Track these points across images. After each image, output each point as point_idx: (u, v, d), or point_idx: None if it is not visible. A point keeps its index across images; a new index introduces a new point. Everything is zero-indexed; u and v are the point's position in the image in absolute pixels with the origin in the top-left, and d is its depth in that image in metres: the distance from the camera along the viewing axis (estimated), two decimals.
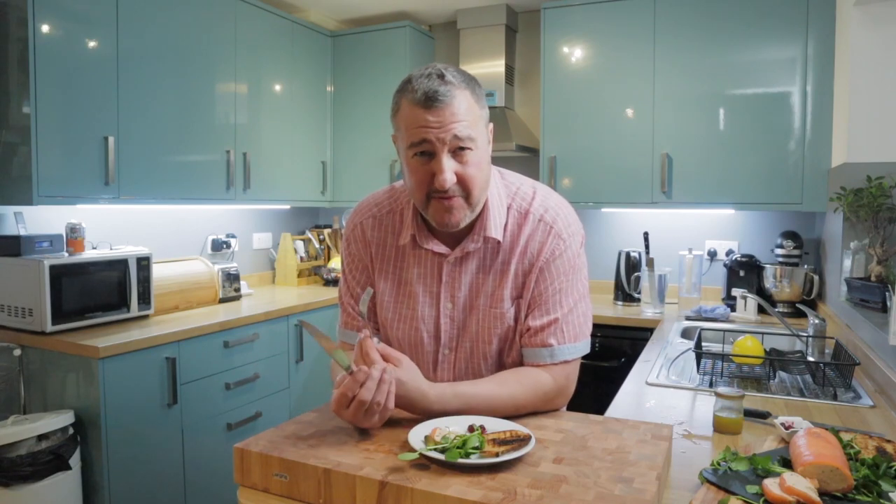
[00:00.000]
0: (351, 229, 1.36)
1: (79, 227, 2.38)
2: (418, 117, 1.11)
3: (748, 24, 2.73)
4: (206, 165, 2.88)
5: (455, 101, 1.11)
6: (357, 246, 1.35)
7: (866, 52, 2.17)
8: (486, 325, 1.25)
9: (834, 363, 1.76)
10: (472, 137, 1.13)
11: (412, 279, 1.28)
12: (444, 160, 1.11)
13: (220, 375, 2.56)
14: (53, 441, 2.04)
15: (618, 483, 0.89)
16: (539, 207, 1.26)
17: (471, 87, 1.15)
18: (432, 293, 1.27)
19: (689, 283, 2.95)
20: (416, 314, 1.28)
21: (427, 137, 1.11)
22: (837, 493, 0.93)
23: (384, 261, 1.32)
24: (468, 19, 3.52)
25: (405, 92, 1.14)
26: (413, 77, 1.14)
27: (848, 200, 2.15)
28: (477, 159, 1.15)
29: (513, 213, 1.26)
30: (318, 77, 3.61)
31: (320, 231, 3.90)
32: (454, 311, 1.27)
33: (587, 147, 3.08)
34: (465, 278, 1.26)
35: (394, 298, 1.31)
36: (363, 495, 0.91)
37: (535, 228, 1.24)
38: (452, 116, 1.10)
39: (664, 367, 1.90)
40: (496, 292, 1.24)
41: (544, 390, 1.20)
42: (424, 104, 1.10)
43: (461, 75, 1.15)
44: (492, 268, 1.25)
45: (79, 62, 2.31)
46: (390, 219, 1.32)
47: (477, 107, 1.15)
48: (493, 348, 1.27)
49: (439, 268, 1.27)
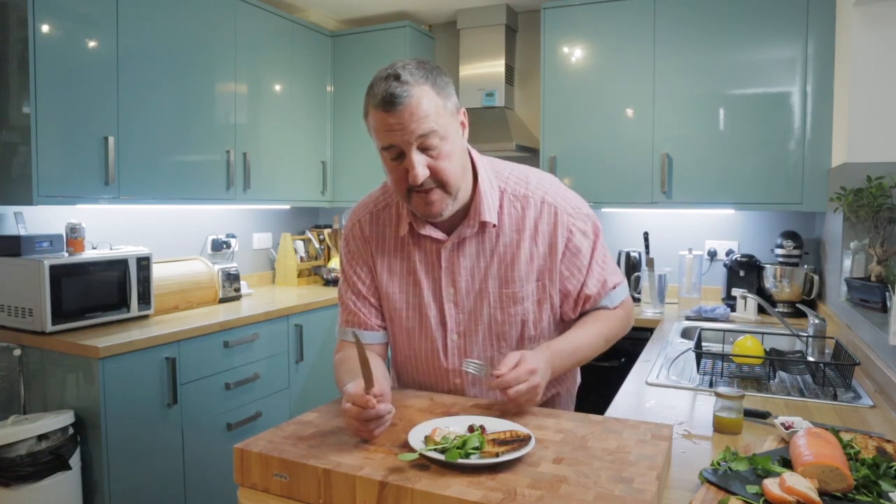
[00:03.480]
0: (349, 228, 1.39)
1: (79, 227, 2.38)
2: (382, 120, 1.15)
3: (748, 24, 2.73)
4: (206, 165, 2.88)
5: (413, 99, 1.13)
6: (357, 244, 1.38)
7: (866, 52, 2.17)
8: (500, 306, 1.29)
9: (834, 363, 1.76)
10: (437, 131, 1.15)
11: (415, 267, 1.32)
12: (414, 157, 1.14)
13: (220, 375, 2.56)
14: (53, 441, 2.04)
15: (618, 483, 0.89)
16: (537, 191, 1.31)
17: (430, 81, 1.16)
18: (435, 279, 1.31)
19: (689, 283, 2.95)
20: (423, 301, 1.32)
21: (392, 141, 1.15)
22: (837, 493, 0.93)
23: (386, 254, 1.35)
24: (468, 19, 3.52)
25: (369, 96, 1.18)
26: (375, 80, 1.17)
27: (848, 200, 2.15)
28: (448, 150, 1.17)
29: (508, 196, 1.30)
30: (318, 77, 3.61)
31: (320, 231, 3.90)
32: (457, 297, 1.31)
33: (587, 147, 3.08)
34: (465, 262, 1.30)
35: (400, 288, 1.34)
36: (363, 495, 0.91)
37: (539, 211, 1.29)
38: (412, 116, 1.13)
39: (664, 367, 1.90)
40: (507, 274, 1.28)
41: (620, 319, 1.38)
42: (384, 108, 1.13)
43: (420, 70, 1.16)
44: (496, 252, 1.29)
45: (79, 62, 2.31)
46: (387, 213, 1.35)
47: (439, 99, 1.16)
48: (509, 328, 1.30)
49: (438, 254, 1.30)
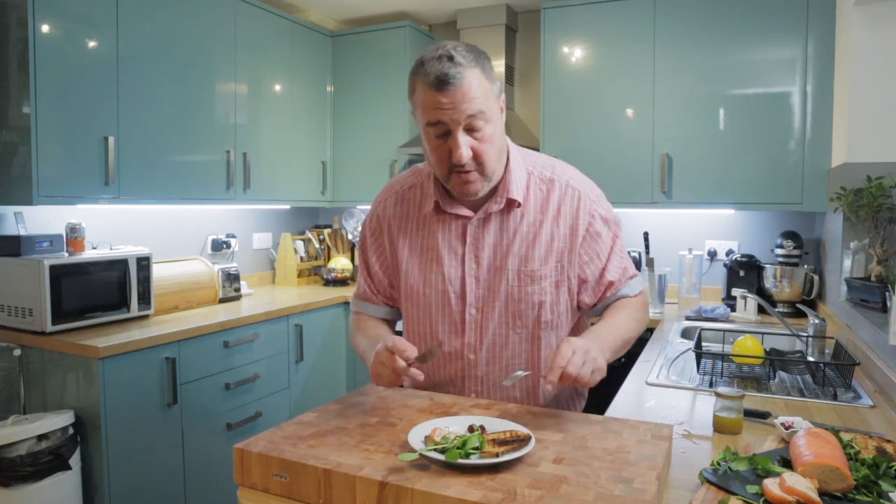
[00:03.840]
0: (374, 208, 1.48)
1: (79, 227, 2.38)
2: (432, 99, 1.18)
3: (748, 24, 2.73)
4: (206, 165, 2.88)
5: (465, 81, 1.17)
6: (375, 222, 1.46)
7: (866, 52, 2.17)
8: (518, 284, 1.32)
9: (834, 363, 1.76)
10: (484, 112, 1.20)
11: (437, 244, 1.36)
12: (460, 137, 1.20)
13: (220, 375, 2.56)
14: (53, 441, 2.04)
15: (618, 483, 0.89)
16: (563, 175, 1.37)
17: (480, 65, 1.21)
18: (457, 255, 1.35)
19: (689, 283, 2.95)
20: (444, 276, 1.35)
21: (442, 119, 1.19)
22: (837, 493, 0.93)
23: (408, 232, 1.40)
24: (468, 19, 3.52)
25: (418, 74, 1.21)
26: (425, 59, 1.20)
27: (848, 200, 2.15)
28: (490, 133, 1.23)
29: (534, 179, 1.36)
30: (318, 77, 3.61)
31: (320, 231, 3.90)
32: (479, 272, 1.34)
33: (587, 147, 3.08)
34: (489, 239, 1.34)
35: (421, 264, 1.38)
36: (363, 495, 0.91)
37: (563, 194, 1.34)
38: (463, 97, 1.17)
39: (664, 367, 1.90)
40: (528, 253, 1.32)
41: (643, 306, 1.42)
42: (437, 87, 1.17)
43: (471, 54, 1.21)
44: (518, 231, 1.33)
45: (79, 62, 2.31)
46: (412, 193, 1.42)
47: (487, 82, 1.22)
48: (526, 307, 1.33)
49: (463, 230, 1.35)
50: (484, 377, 1.37)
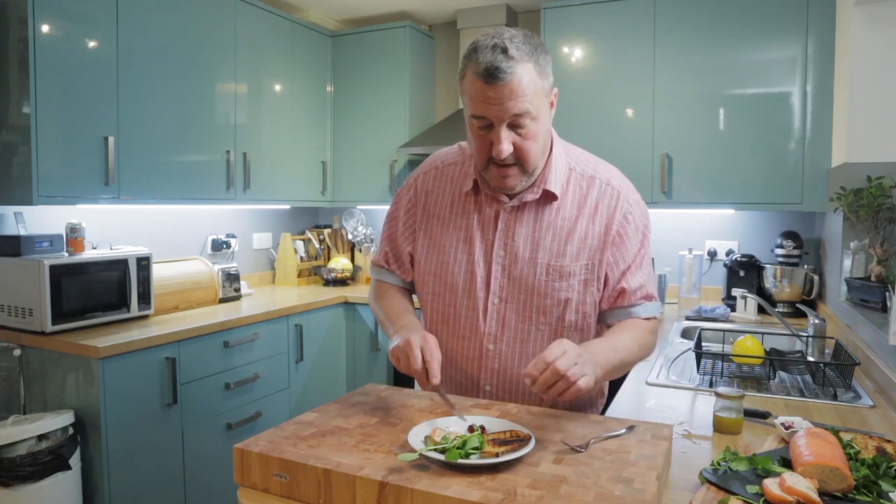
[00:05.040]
0: (413, 179, 1.44)
1: (79, 227, 2.37)
2: (480, 90, 1.14)
3: (748, 24, 2.73)
4: (206, 165, 2.88)
5: (516, 77, 1.12)
6: (412, 193, 1.42)
7: (866, 52, 2.17)
8: (546, 279, 1.28)
9: (834, 363, 1.75)
10: (530, 111, 1.15)
11: (471, 225, 1.33)
12: (503, 133, 1.16)
13: (220, 375, 2.56)
14: (53, 441, 2.04)
15: (618, 483, 0.89)
16: (604, 174, 1.33)
17: (534, 59, 1.15)
18: (488, 240, 1.32)
19: (689, 283, 2.95)
20: (473, 258, 1.32)
21: (486, 113, 1.15)
22: (837, 493, 0.93)
23: (442, 207, 1.37)
24: (468, 19, 3.52)
25: (470, 60, 1.16)
26: (479, 46, 1.15)
27: (848, 200, 2.15)
28: (535, 130, 1.19)
29: (575, 175, 1.32)
30: (318, 77, 3.61)
31: (320, 231, 3.90)
32: (506, 260, 1.31)
33: (587, 147, 3.02)
34: (521, 230, 1.30)
35: (451, 243, 1.35)
36: (363, 496, 0.91)
37: (602, 192, 1.31)
38: (511, 94, 1.13)
39: (664, 367, 1.90)
40: (559, 248, 1.29)
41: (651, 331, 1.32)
42: (486, 79, 1.12)
43: (527, 46, 1.15)
44: (553, 224, 1.30)
45: (79, 62, 2.31)
46: (452, 169, 1.38)
47: (539, 79, 1.17)
48: (551, 303, 1.29)
49: (496, 216, 1.31)
50: (500, 370, 1.33)
